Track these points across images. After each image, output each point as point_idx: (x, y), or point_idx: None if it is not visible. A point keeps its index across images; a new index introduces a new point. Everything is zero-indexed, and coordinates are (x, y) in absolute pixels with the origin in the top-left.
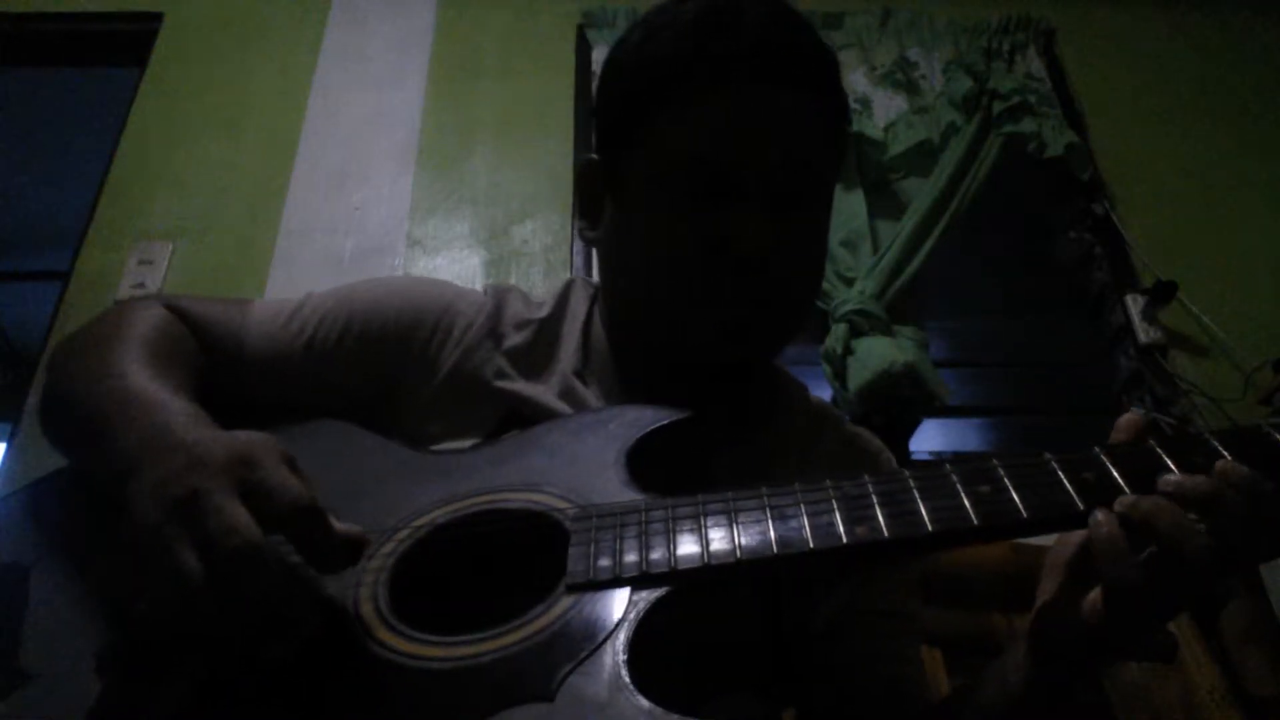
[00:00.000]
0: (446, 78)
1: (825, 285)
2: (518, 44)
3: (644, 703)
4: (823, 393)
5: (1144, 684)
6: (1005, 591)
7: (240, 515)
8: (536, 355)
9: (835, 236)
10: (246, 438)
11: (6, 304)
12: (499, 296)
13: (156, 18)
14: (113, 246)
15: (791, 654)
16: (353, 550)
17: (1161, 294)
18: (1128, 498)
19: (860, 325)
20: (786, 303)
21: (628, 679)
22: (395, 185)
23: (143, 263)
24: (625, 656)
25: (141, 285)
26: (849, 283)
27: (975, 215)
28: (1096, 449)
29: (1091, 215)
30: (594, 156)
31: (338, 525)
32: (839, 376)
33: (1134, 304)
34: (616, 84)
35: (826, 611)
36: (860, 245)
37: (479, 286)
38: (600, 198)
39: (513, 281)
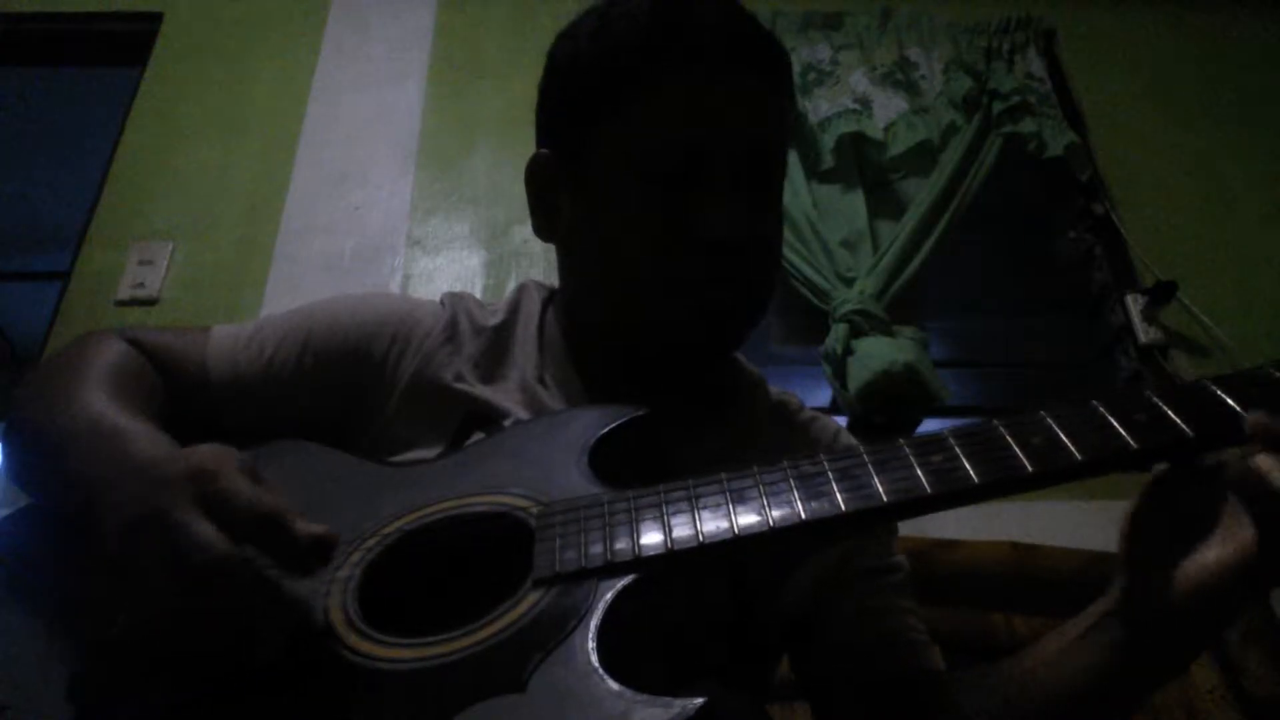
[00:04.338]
0: (446, 78)
1: (825, 285)
2: (518, 44)
3: (614, 685)
4: (823, 393)
5: None
6: (1005, 591)
7: (205, 529)
8: (493, 361)
9: (835, 236)
10: (203, 451)
11: (6, 304)
12: (455, 305)
13: (156, 18)
14: (113, 246)
15: (764, 637)
16: (323, 550)
17: (1161, 294)
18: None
19: (860, 325)
20: (756, 286)
21: (597, 663)
22: (395, 185)
23: (143, 263)
24: (595, 643)
25: (141, 285)
26: (849, 283)
27: (975, 215)
28: (1042, 412)
29: (1091, 215)
30: (544, 151)
31: (305, 526)
32: (839, 376)
33: (1134, 304)
34: (574, 74)
35: (797, 592)
36: (860, 245)
37: (475, 288)
38: (556, 193)
39: (513, 282)
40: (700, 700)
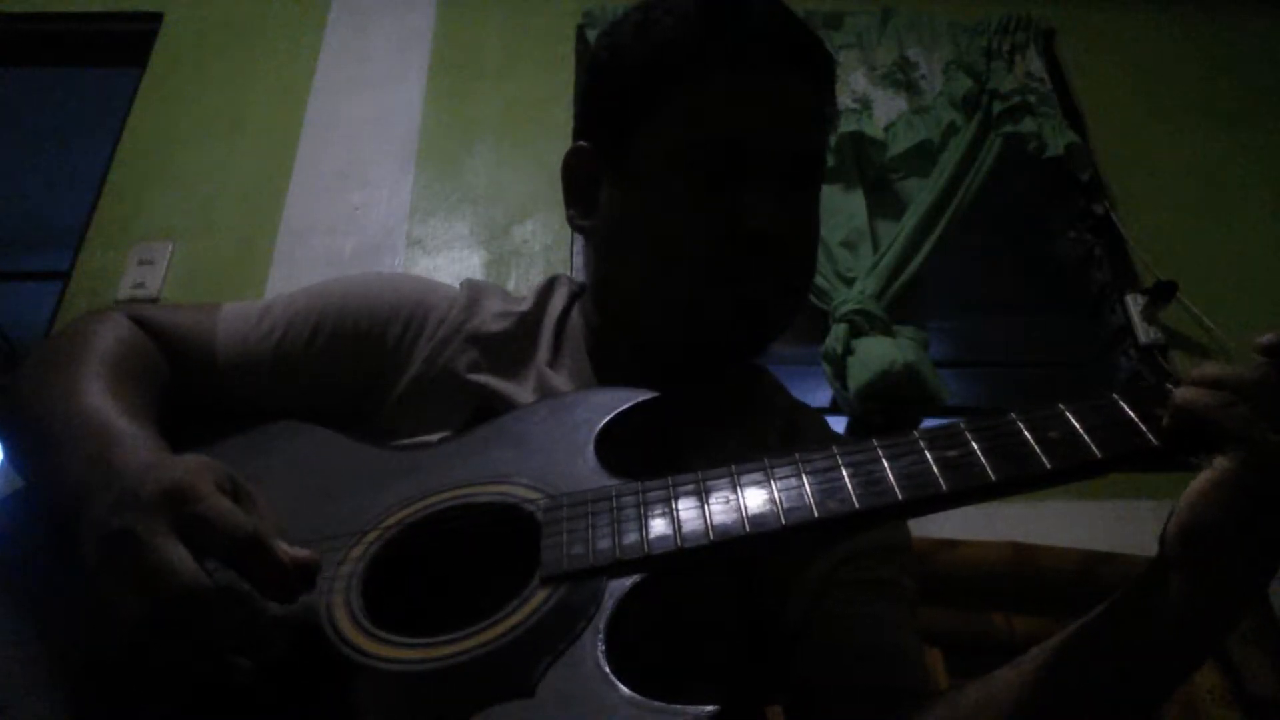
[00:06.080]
0: (446, 78)
1: (825, 285)
2: (518, 44)
3: (625, 691)
4: (823, 393)
5: None
6: (1005, 591)
7: (174, 556)
8: (513, 348)
9: (835, 236)
10: (183, 467)
11: (6, 304)
12: (475, 290)
13: (156, 18)
14: (113, 246)
15: (766, 642)
16: (304, 575)
17: (1161, 294)
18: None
19: (860, 325)
20: (793, 283)
21: (607, 669)
22: (395, 185)
23: (143, 263)
24: (604, 646)
25: (141, 285)
26: (849, 283)
27: (975, 215)
28: (1060, 405)
29: (1091, 215)
30: (583, 144)
31: (286, 550)
32: (839, 376)
33: (1134, 304)
34: (618, 67)
35: (800, 591)
36: (860, 245)
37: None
38: (594, 184)
39: (513, 282)
40: (712, 709)
